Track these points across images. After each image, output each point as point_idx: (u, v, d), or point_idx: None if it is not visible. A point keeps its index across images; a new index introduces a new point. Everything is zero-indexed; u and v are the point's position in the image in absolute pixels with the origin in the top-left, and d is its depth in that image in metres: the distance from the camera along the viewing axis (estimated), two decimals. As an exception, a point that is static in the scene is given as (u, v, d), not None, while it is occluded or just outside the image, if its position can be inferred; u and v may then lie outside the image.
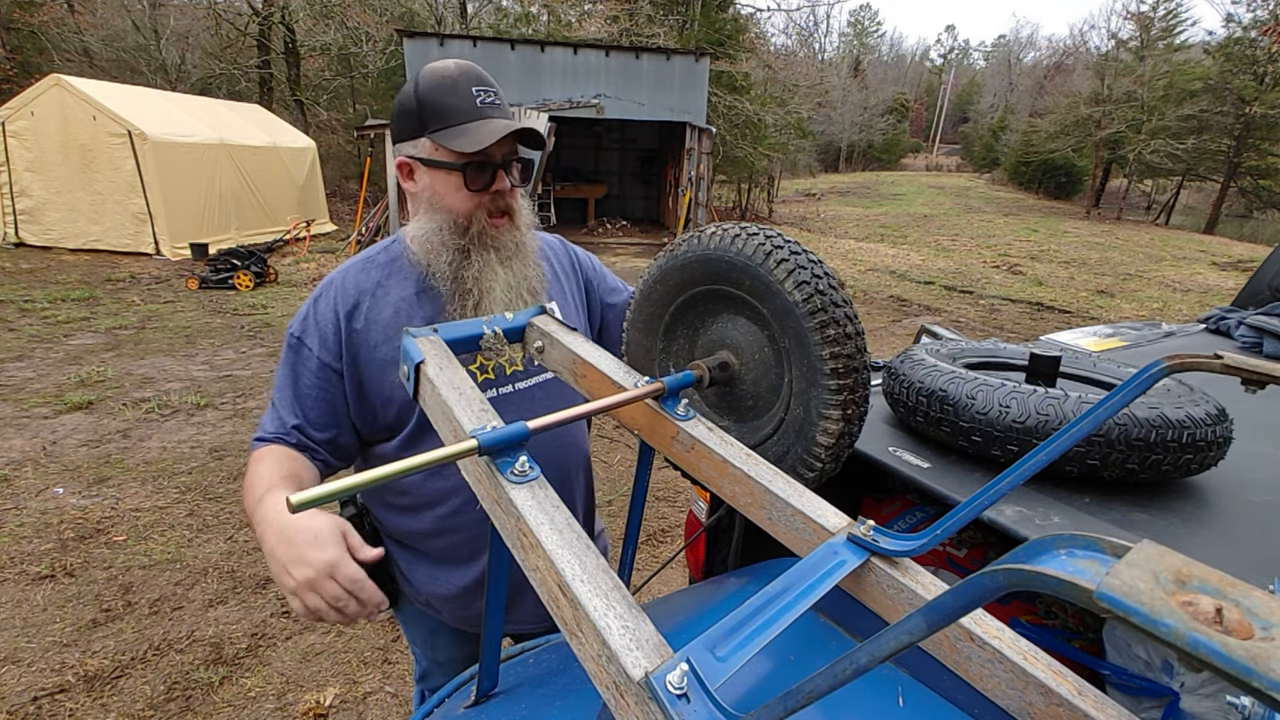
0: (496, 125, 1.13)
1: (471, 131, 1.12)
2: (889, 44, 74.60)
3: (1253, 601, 0.26)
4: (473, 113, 1.14)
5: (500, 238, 1.21)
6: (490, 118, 1.15)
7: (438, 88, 1.14)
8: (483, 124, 1.13)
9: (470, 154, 1.14)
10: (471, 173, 1.15)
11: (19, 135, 9.54)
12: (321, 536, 0.94)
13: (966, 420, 1.10)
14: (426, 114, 1.14)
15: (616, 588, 0.58)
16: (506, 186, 1.19)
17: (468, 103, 1.14)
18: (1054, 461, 1.05)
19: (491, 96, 1.16)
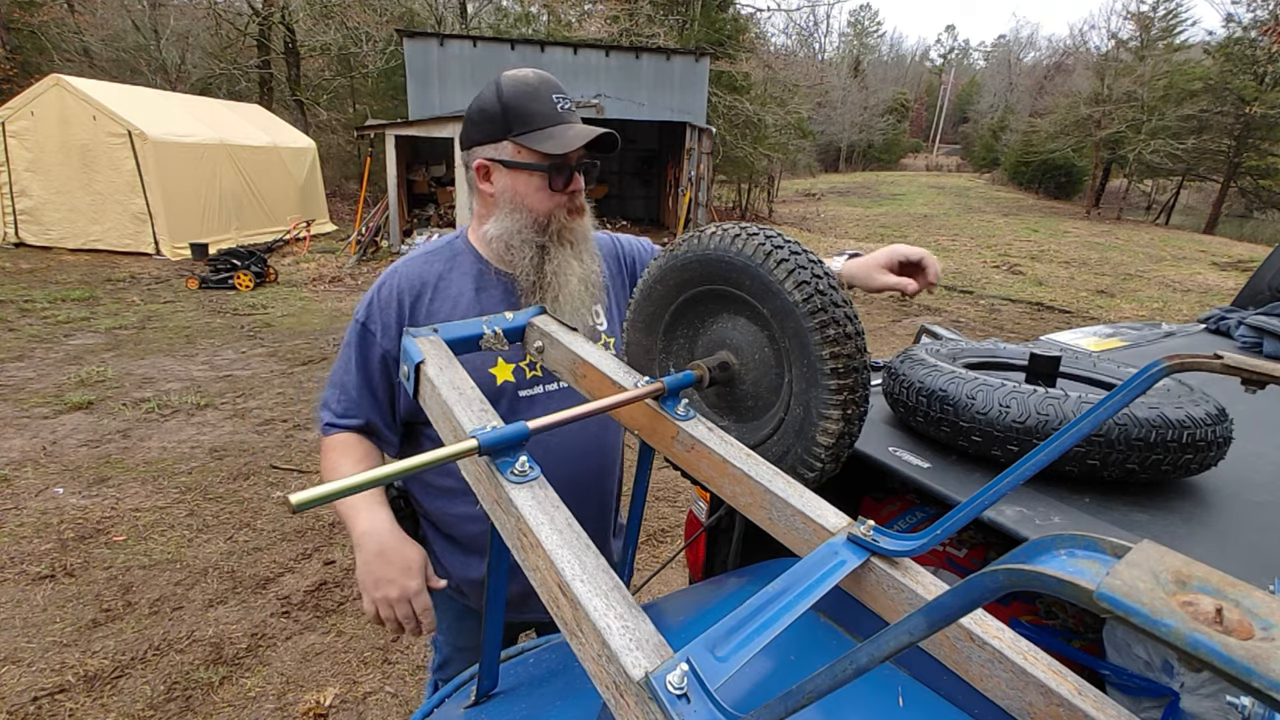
0: (580, 130, 1.22)
1: (556, 135, 1.19)
2: (889, 44, 74.61)
3: (1253, 601, 0.26)
4: (554, 117, 1.21)
5: (575, 233, 1.29)
6: (570, 123, 1.23)
7: (521, 94, 1.20)
8: (565, 128, 1.21)
9: (555, 156, 1.21)
10: (555, 174, 1.23)
11: (19, 135, 9.54)
12: (412, 567, 1.17)
13: (966, 420, 1.10)
14: (511, 118, 1.20)
15: (616, 588, 0.58)
16: (582, 186, 1.28)
17: (549, 108, 1.21)
18: (1054, 461, 1.05)
19: (568, 103, 1.25)
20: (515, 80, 1.22)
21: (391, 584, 1.16)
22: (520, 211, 1.25)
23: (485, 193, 1.28)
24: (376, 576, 1.16)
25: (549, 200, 1.24)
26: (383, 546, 1.17)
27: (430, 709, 0.99)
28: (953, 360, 1.36)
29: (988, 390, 1.09)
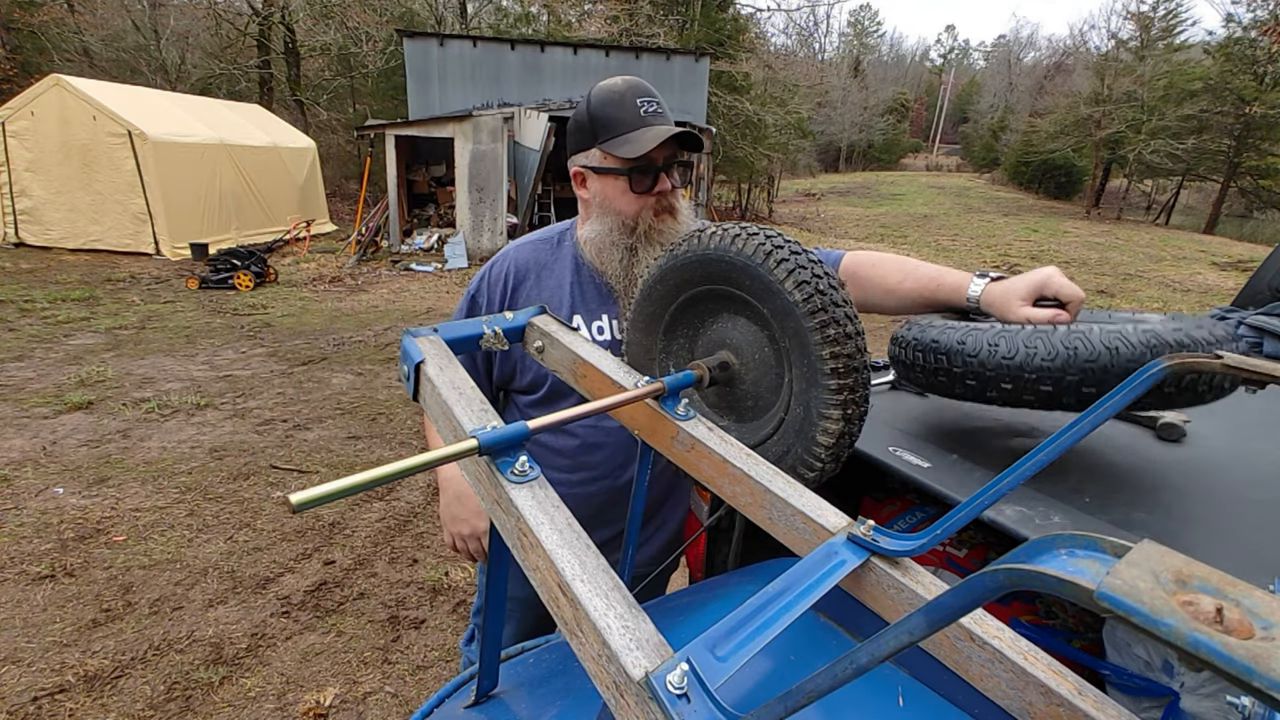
0: (657, 130, 1.23)
1: (635, 139, 1.23)
2: (889, 44, 74.61)
3: (1253, 601, 0.26)
4: (636, 122, 1.24)
5: (665, 234, 1.31)
6: (652, 125, 1.25)
7: (607, 103, 1.26)
8: (644, 131, 1.24)
9: (634, 159, 1.24)
10: (636, 176, 1.27)
11: (19, 135, 9.54)
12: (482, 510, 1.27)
13: (959, 365, 1.09)
14: (597, 126, 1.26)
15: (617, 587, 0.58)
16: (669, 187, 1.30)
17: (632, 113, 1.25)
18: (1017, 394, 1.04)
19: (654, 106, 1.27)
20: (604, 89, 1.27)
21: (465, 522, 1.39)
22: (609, 215, 1.31)
23: (583, 198, 1.35)
24: (454, 515, 1.38)
25: (634, 203, 1.28)
26: (460, 491, 1.37)
27: (430, 709, 0.99)
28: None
29: (976, 334, 1.08)
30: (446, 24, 20.21)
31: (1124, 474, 1.26)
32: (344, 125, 19.74)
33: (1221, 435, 1.48)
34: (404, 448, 4.50)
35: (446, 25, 20.05)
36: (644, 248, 1.31)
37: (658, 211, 1.30)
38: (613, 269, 1.33)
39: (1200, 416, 1.53)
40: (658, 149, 1.24)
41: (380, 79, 19.77)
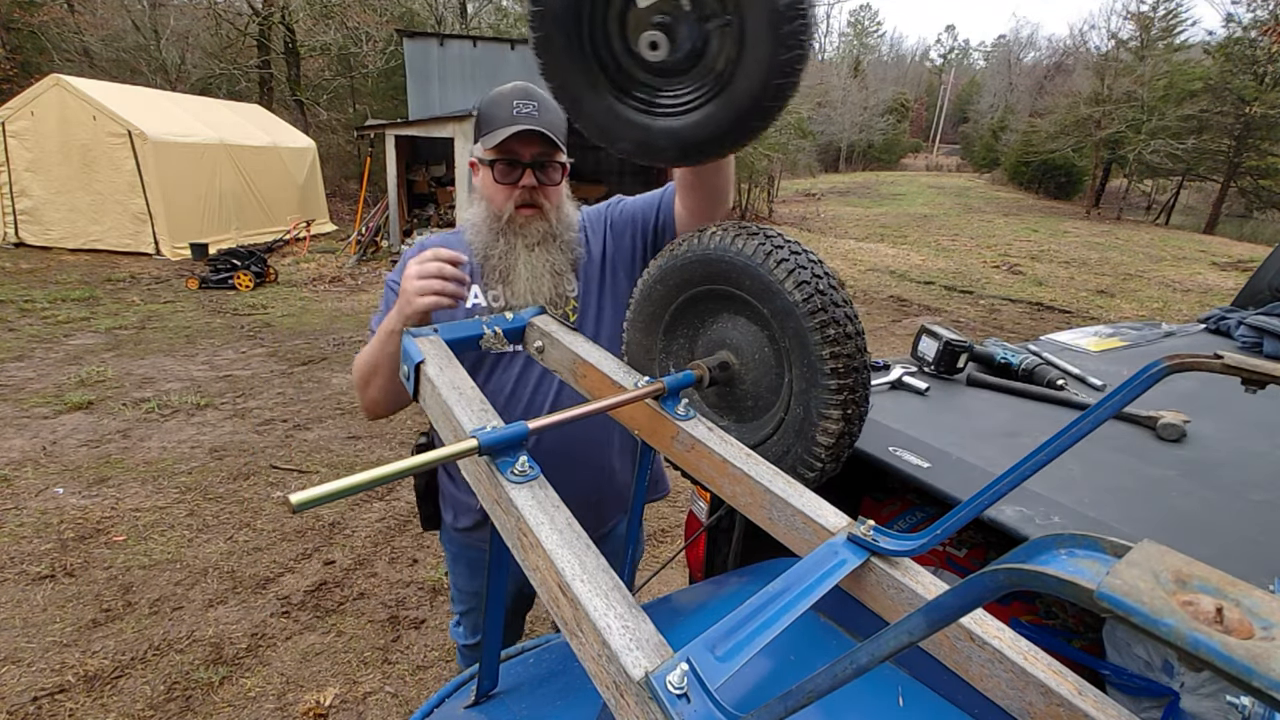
0: (516, 127, 1.33)
1: (498, 133, 1.33)
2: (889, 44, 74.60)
3: (1253, 601, 0.26)
4: (507, 119, 1.34)
5: (528, 227, 1.41)
6: (520, 124, 1.33)
7: (491, 101, 1.38)
8: (508, 127, 1.33)
9: (496, 151, 1.35)
10: (501, 167, 1.37)
11: (19, 135, 9.53)
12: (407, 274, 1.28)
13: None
14: (481, 121, 1.39)
15: (616, 587, 0.58)
16: (532, 183, 1.38)
17: (505, 112, 1.35)
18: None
19: (530, 108, 1.35)
20: (495, 90, 1.39)
21: (418, 280, 1.28)
22: (483, 202, 1.44)
23: (474, 186, 1.48)
24: (407, 289, 1.26)
25: (499, 193, 1.39)
26: (391, 301, 1.40)
27: (430, 709, 0.99)
28: None
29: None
30: (446, 24, 20.20)
31: (1124, 474, 1.26)
32: (344, 125, 19.73)
33: (1221, 435, 1.48)
34: (404, 448, 4.50)
35: (446, 25, 20.04)
36: (506, 236, 1.41)
37: (519, 204, 1.40)
38: (479, 249, 1.45)
39: (1200, 416, 1.53)
40: (525, 146, 1.35)
41: (380, 79, 19.76)
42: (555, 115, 1.39)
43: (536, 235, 1.42)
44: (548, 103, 1.39)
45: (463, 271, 1.40)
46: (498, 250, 1.42)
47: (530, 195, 1.40)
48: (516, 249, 1.42)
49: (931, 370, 1.77)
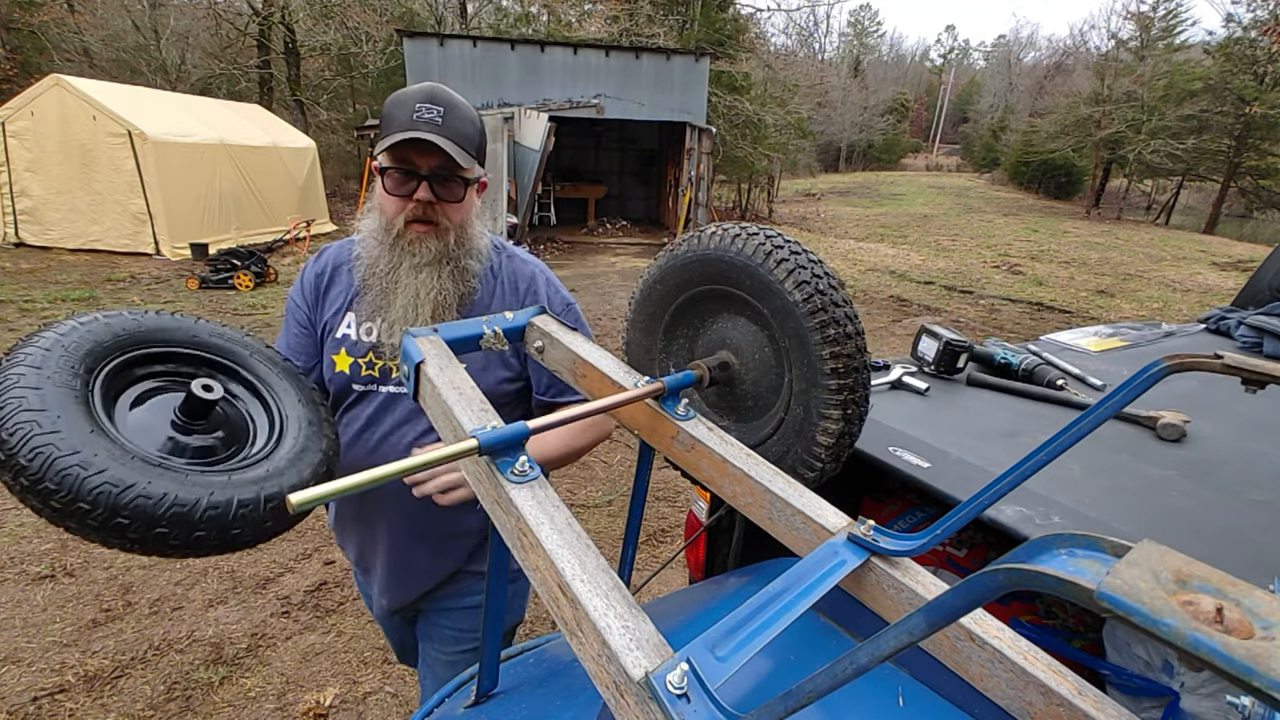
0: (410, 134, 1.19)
1: (390, 140, 1.19)
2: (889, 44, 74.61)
3: (1253, 601, 0.26)
4: (406, 124, 1.20)
5: (418, 245, 1.27)
6: (418, 131, 1.19)
7: (394, 101, 1.24)
8: (404, 134, 1.19)
9: (390, 158, 1.22)
10: (394, 176, 1.24)
11: (19, 135, 9.53)
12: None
13: None
14: (382, 123, 1.25)
15: (616, 587, 0.58)
16: (428, 197, 1.24)
17: (405, 115, 1.20)
18: None
19: (432, 113, 1.21)
20: (402, 90, 1.26)
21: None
22: (375, 212, 1.32)
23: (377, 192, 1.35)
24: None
25: (391, 204, 1.26)
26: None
27: (430, 709, 0.99)
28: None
29: None
30: (446, 24, 20.20)
31: (1124, 474, 1.26)
32: (344, 125, 19.73)
33: (1221, 435, 1.48)
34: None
35: (446, 25, 20.04)
36: (392, 253, 1.28)
37: (411, 220, 1.26)
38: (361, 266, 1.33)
39: (1200, 416, 1.53)
40: (423, 157, 1.22)
41: (380, 79, 19.75)
42: (464, 124, 1.25)
43: (427, 256, 1.28)
44: (458, 109, 1.25)
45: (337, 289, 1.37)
46: (380, 267, 1.29)
47: (424, 211, 1.26)
48: (401, 269, 1.28)
49: (931, 370, 1.77)
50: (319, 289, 1.39)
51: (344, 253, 1.40)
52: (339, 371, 1.37)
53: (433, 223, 1.27)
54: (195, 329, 1.12)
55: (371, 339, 1.34)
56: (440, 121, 1.22)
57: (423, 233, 1.27)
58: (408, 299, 1.27)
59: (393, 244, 1.28)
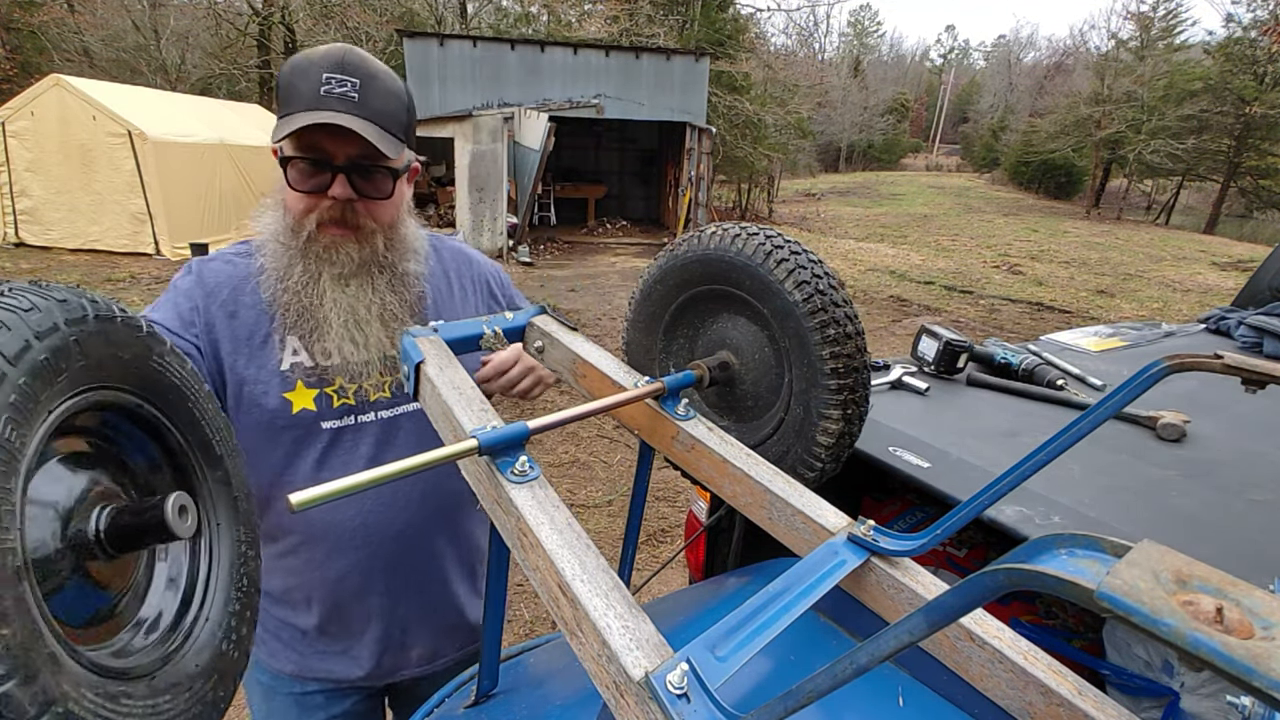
0: (316, 117, 0.93)
1: (293, 121, 0.94)
2: (889, 44, 74.63)
3: (1253, 601, 0.26)
4: (311, 100, 0.94)
5: (334, 252, 1.03)
6: (332, 110, 0.94)
7: (293, 70, 0.98)
8: (310, 114, 0.94)
9: (295, 145, 0.97)
10: (300, 167, 0.99)
11: (19, 135, 9.53)
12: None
13: None
14: (279, 98, 0.99)
15: (616, 588, 0.58)
16: (345, 194, 1.00)
17: (310, 88, 0.95)
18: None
19: (346, 88, 0.95)
20: (301, 55, 0.99)
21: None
22: (279, 209, 1.05)
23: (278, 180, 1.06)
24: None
25: (298, 201, 1.01)
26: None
27: (430, 709, 1.00)
28: None
29: None
30: (446, 24, 20.20)
31: (1124, 474, 1.27)
32: (344, 125, 19.73)
33: (1221, 435, 1.48)
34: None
35: (446, 25, 20.04)
36: (306, 262, 1.03)
37: (324, 222, 1.02)
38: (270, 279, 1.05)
39: (1200, 416, 1.53)
40: (338, 143, 0.97)
41: (380, 79, 19.75)
42: (388, 100, 1.00)
43: (349, 265, 1.04)
44: (378, 80, 0.99)
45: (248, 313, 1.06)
46: (295, 279, 1.04)
47: (341, 211, 1.02)
48: (320, 282, 1.04)
49: (931, 370, 1.77)
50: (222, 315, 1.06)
51: (239, 267, 1.09)
52: (299, 412, 1.07)
53: (352, 226, 1.04)
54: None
55: (333, 361, 1.08)
56: (357, 98, 0.96)
57: (339, 236, 1.03)
58: (343, 317, 1.05)
59: (304, 250, 1.03)
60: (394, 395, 1.15)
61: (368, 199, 1.03)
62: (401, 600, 1.21)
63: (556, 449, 4.49)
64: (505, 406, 1.07)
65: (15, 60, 16.44)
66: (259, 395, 1.06)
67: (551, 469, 4.24)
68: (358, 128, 0.94)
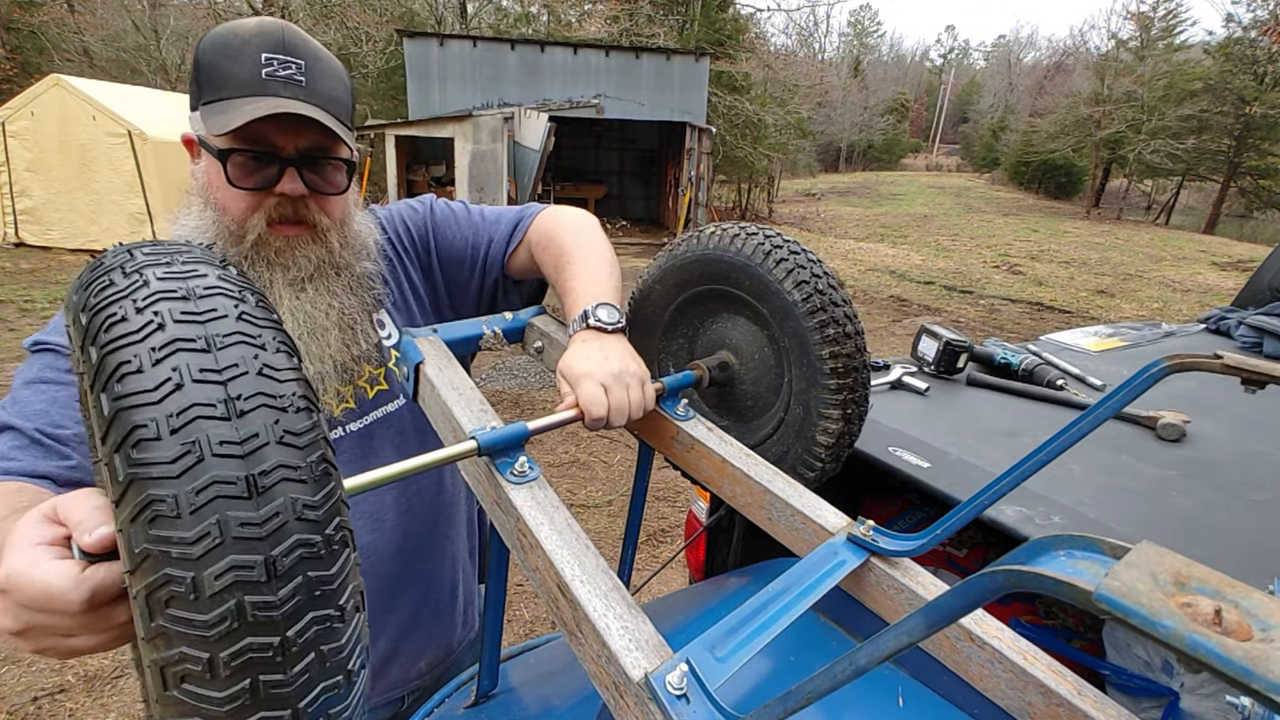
0: (269, 104, 0.84)
1: (234, 109, 0.83)
2: (889, 44, 74.63)
3: (1252, 603, 0.26)
4: (251, 85, 0.84)
5: (290, 254, 0.93)
6: (277, 95, 0.85)
7: (220, 49, 0.85)
8: (252, 101, 0.84)
9: (235, 138, 0.85)
10: (241, 163, 0.88)
11: (19, 135, 9.54)
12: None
13: None
14: (202, 80, 0.86)
15: (616, 588, 0.58)
16: (297, 190, 0.90)
17: (248, 71, 0.84)
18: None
19: (291, 69, 0.86)
20: (223, 31, 0.86)
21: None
22: (211, 209, 0.92)
23: (193, 176, 0.94)
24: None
25: (238, 200, 0.89)
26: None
27: (430, 709, 1.00)
28: None
29: None
30: (446, 24, 20.20)
31: (1124, 474, 1.27)
32: (344, 125, 19.74)
33: (1221, 435, 1.48)
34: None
35: (446, 25, 20.04)
36: (255, 268, 0.92)
37: (275, 221, 0.91)
38: None
39: (1200, 416, 1.53)
40: (287, 134, 0.87)
41: (380, 79, 19.76)
42: (334, 83, 0.91)
43: (306, 267, 0.94)
44: (323, 61, 0.90)
45: None
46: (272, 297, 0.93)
47: (294, 208, 0.92)
48: (277, 287, 0.94)
49: (931, 370, 1.77)
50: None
51: None
52: None
53: (307, 223, 0.94)
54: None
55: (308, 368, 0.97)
56: (304, 82, 0.87)
57: (293, 236, 0.93)
58: (301, 327, 0.95)
59: (252, 255, 0.92)
60: (358, 405, 1.06)
61: (320, 194, 0.93)
62: (407, 613, 1.18)
63: (556, 449, 4.49)
64: (505, 406, 1.06)
65: (15, 60, 16.44)
66: None
67: (551, 469, 4.24)
68: (313, 114, 0.85)
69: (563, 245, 1.05)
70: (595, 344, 0.84)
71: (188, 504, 0.34)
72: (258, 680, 0.35)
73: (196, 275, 0.42)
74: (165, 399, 0.36)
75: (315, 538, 0.38)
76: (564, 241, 1.06)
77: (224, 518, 0.35)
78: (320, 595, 0.38)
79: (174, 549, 0.34)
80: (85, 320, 0.39)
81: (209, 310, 0.40)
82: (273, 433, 0.36)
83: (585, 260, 1.02)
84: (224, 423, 0.36)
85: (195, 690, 0.35)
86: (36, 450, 0.79)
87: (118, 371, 0.36)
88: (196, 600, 0.34)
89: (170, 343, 0.37)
